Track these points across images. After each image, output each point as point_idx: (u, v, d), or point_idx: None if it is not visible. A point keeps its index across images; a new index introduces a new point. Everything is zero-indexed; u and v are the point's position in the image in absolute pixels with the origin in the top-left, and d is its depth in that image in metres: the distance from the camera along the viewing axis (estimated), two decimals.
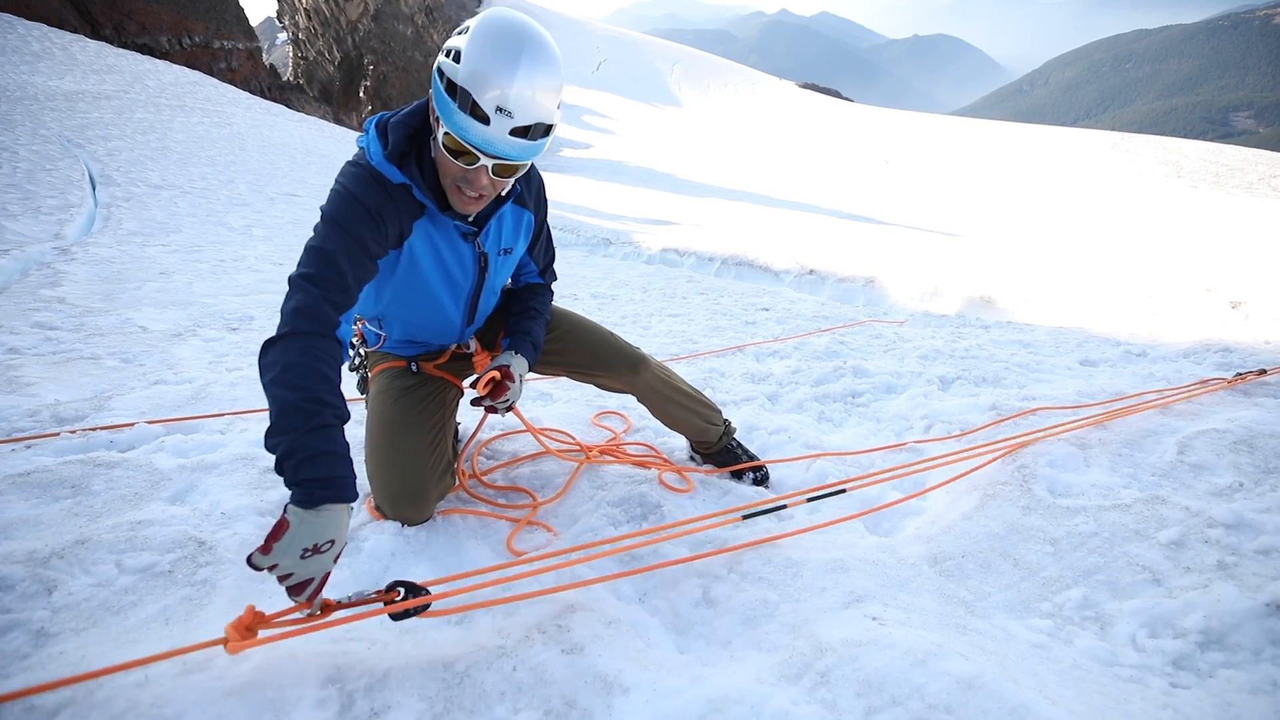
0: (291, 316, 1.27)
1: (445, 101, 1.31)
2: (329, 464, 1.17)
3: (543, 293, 1.90)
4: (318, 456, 1.16)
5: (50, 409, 2.35)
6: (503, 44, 1.28)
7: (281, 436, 1.17)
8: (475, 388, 1.69)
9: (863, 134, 49.38)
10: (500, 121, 1.29)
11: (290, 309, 1.29)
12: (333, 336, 1.31)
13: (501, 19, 1.31)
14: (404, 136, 1.44)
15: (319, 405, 1.19)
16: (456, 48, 1.30)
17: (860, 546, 1.71)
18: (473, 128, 1.30)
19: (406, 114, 1.47)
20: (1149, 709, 1.14)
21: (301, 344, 1.24)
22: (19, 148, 9.41)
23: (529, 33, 1.30)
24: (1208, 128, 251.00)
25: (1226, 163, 33.00)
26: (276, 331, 1.27)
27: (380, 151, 1.43)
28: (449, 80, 1.29)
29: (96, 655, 1.18)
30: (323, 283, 1.32)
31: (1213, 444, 2.01)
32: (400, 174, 1.44)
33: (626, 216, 17.50)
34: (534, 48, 1.29)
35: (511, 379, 1.68)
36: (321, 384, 1.22)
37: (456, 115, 1.29)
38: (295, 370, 1.21)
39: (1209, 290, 6.79)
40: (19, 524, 1.59)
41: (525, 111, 1.30)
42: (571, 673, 1.20)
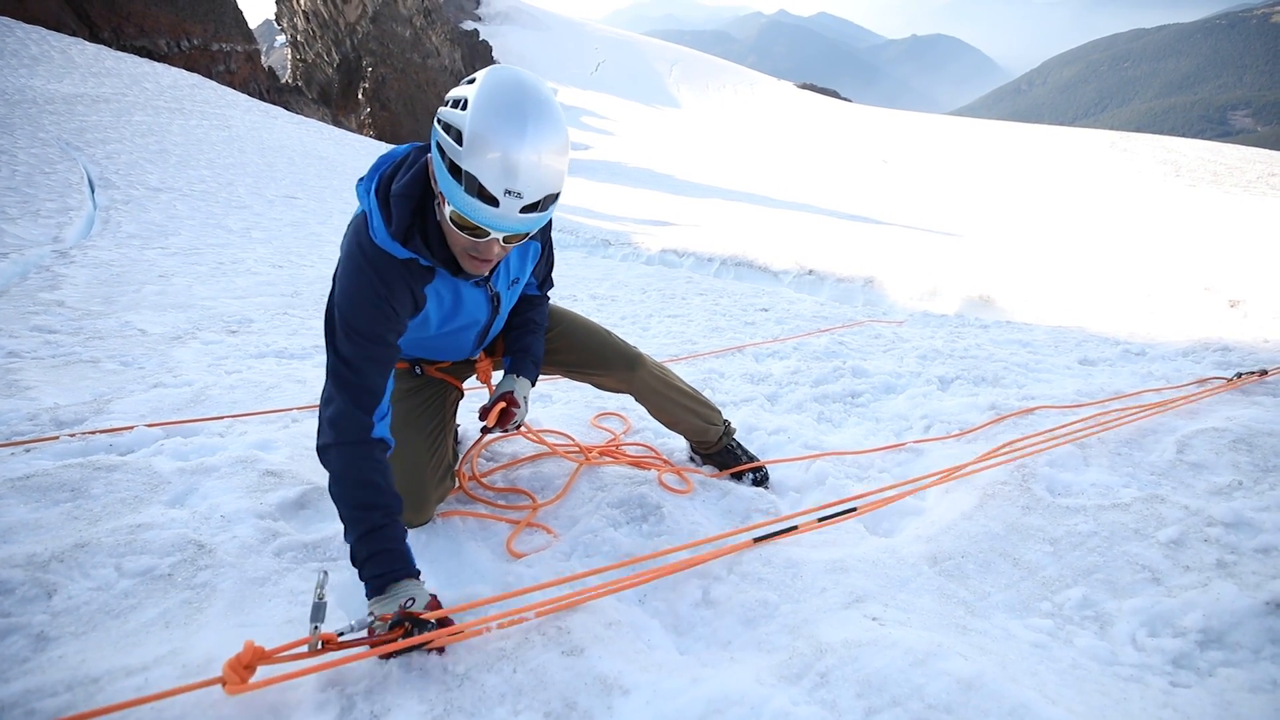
0: (329, 428, 1.36)
1: (450, 183, 1.23)
2: (385, 561, 1.30)
3: (540, 304, 1.90)
4: (374, 556, 1.30)
5: (50, 412, 2.35)
6: (506, 123, 1.18)
7: (348, 536, 1.33)
8: (483, 418, 1.73)
9: (861, 134, 49.41)
10: (510, 203, 1.22)
11: (326, 419, 1.37)
12: (368, 440, 1.37)
13: (500, 91, 1.20)
14: (408, 211, 1.37)
15: (366, 511, 1.32)
16: (456, 126, 1.20)
17: (860, 547, 1.71)
18: (481, 210, 1.23)
19: (408, 182, 1.37)
20: (1149, 708, 1.14)
21: (342, 455, 1.35)
22: (17, 151, 9.41)
23: (531, 103, 1.21)
24: (1206, 126, 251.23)
25: (1225, 161, 33.04)
26: (319, 440, 1.38)
27: (384, 229, 1.36)
28: (451, 162, 1.22)
29: (96, 659, 1.18)
30: (349, 390, 1.36)
31: (1212, 443, 2.01)
32: (407, 251, 1.39)
33: (625, 217, 17.51)
34: (538, 120, 1.20)
35: (517, 405, 1.74)
36: (363, 490, 1.33)
37: (463, 198, 1.23)
38: (341, 482, 1.34)
39: (1208, 289, 6.80)
40: (19, 527, 1.59)
41: (535, 189, 1.23)
42: (571, 674, 1.20)
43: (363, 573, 1.30)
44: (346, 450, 1.35)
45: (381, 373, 1.40)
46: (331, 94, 50.88)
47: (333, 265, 1.46)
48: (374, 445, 1.37)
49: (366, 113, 49.35)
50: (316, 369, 3.33)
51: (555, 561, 1.65)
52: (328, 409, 1.37)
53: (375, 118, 49.13)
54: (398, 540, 1.33)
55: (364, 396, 1.37)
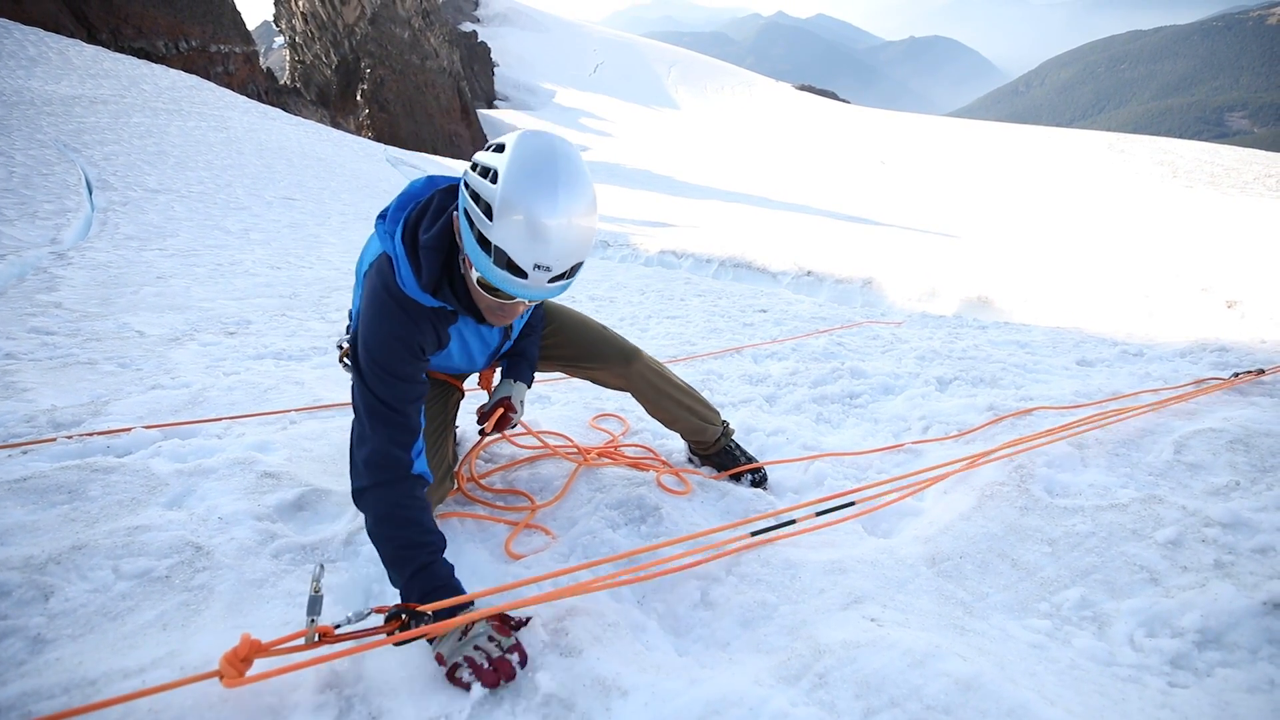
0: (365, 470, 1.34)
1: (478, 253, 1.23)
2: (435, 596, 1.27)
3: (536, 308, 1.91)
4: (428, 596, 1.27)
5: (47, 414, 2.34)
6: (537, 199, 1.16)
7: (395, 577, 1.32)
8: (481, 422, 1.77)
9: (859, 135, 49.47)
10: (538, 276, 1.22)
11: (361, 461, 1.34)
12: (408, 478, 1.35)
13: (531, 164, 1.18)
14: (438, 265, 1.37)
15: (413, 549, 1.30)
16: (486, 199, 1.19)
17: (858, 548, 1.71)
18: (509, 281, 1.23)
19: (436, 235, 1.36)
20: (1147, 708, 1.14)
21: (382, 496, 1.33)
22: (15, 153, 9.39)
23: (563, 178, 1.19)
24: (1203, 128, 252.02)
25: (1222, 163, 33.13)
26: (354, 483, 1.36)
27: (414, 281, 1.36)
28: (479, 233, 1.21)
29: (94, 661, 1.18)
30: (385, 428, 1.35)
31: (1209, 443, 2.01)
32: (435, 300, 1.40)
33: (624, 218, 17.51)
34: (569, 196, 1.18)
35: (514, 409, 1.78)
36: (408, 529, 1.32)
37: (491, 269, 1.22)
38: (384, 523, 1.32)
39: (1205, 290, 6.81)
40: (15, 530, 1.58)
41: (564, 262, 1.23)
42: (570, 675, 1.20)
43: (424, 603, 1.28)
44: (386, 490, 1.33)
45: (416, 409, 1.41)
46: (330, 95, 50.87)
47: (331, 267, 1.47)
48: (414, 482, 1.36)
49: (365, 114, 49.34)
50: (315, 370, 3.33)
51: (554, 563, 1.65)
52: (362, 450, 1.35)
53: (374, 119, 49.13)
54: (448, 575, 1.31)
55: (402, 433, 1.36)
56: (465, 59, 62.08)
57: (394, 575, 1.31)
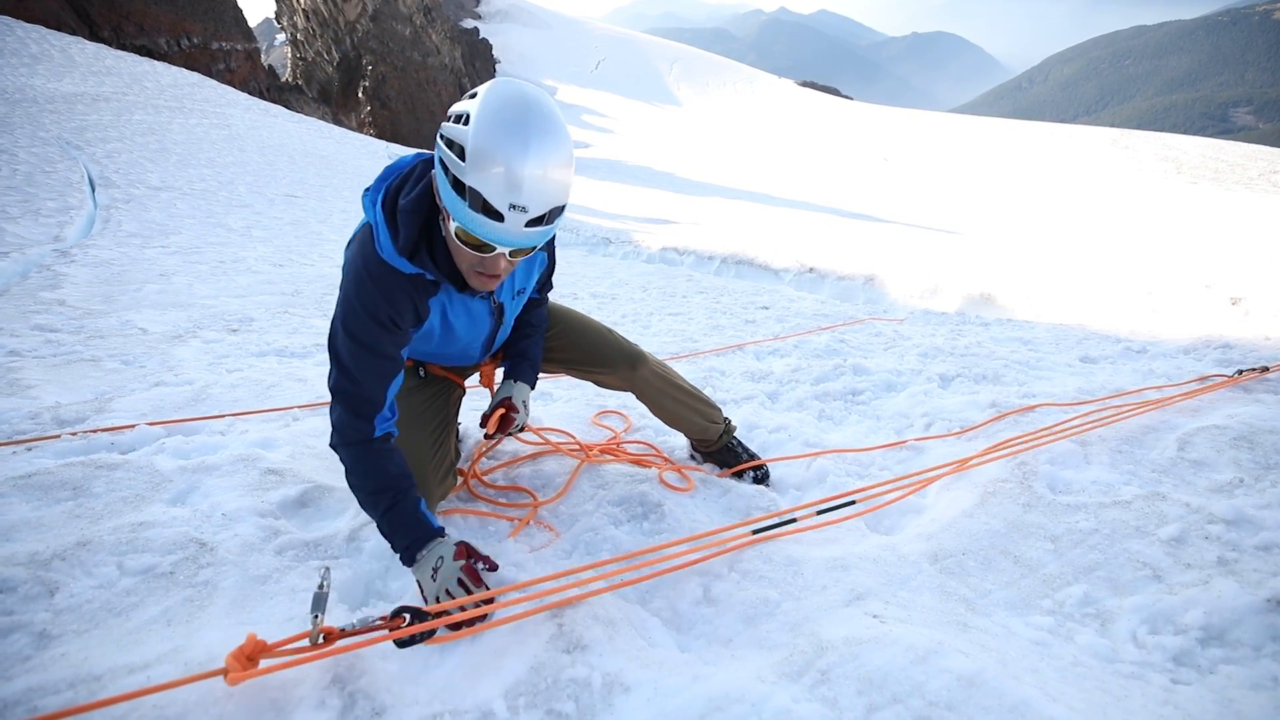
0: (335, 432, 1.44)
1: (454, 199, 1.23)
2: (406, 532, 1.41)
3: (539, 307, 1.90)
4: (396, 531, 1.41)
5: (51, 411, 2.35)
6: (509, 136, 1.17)
7: (379, 526, 1.44)
8: (484, 425, 1.76)
9: (862, 132, 49.35)
10: (515, 217, 1.22)
11: (333, 423, 1.44)
12: (370, 440, 1.43)
13: (503, 104, 1.19)
14: (415, 227, 1.36)
15: (379, 494, 1.42)
16: (459, 142, 1.19)
17: (861, 544, 1.71)
18: (486, 225, 1.23)
19: (416, 197, 1.37)
20: (1150, 705, 1.14)
21: (348, 453, 1.44)
22: (18, 150, 9.41)
23: (535, 116, 1.20)
24: (1207, 124, 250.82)
25: (1226, 159, 32.98)
26: (330, 439, 1.46)
27: (391, 245, 1.36)
28: (454, 177, 1.21)
29: (99, 657, 1.18)
30: (349, 399, 1.42)
31: (1213, 440, 2.00)
32: (413, 266, 1.39)
33: (626, 215, 17.49)
34: (542, 133, 1.19)
35: (516, 410, 1.77)
36: (373, 477, 1.42)
37: (467, 213, 1.22)
38: (353, 474, 1.44)
39: (1209, 286, 6.79)
40: (21, 526, 1.59)
41: (540, 202, 1.22)
42: (573, 672, 1.20)
43: (394, 549, 1.41)
44: (351, 449, 1.43)
45: (381, 384, 1.43)
46: (331, 92, 50.84)
47: (334, 263, 1.47)
48: (374, 442, 1.43)
49: (366, 111, 49.32)
50: (317, 367, 3.33)
51: (556, 559, 1.65)
52: (332, 414, 1.43)
53: (375, 116, 49.11)
54: (412, 510, 1.41)
55: (363, 405, 1.41)
56: (467, 56, 61.98)
57: (369, 515, 1.45)
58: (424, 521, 1.41)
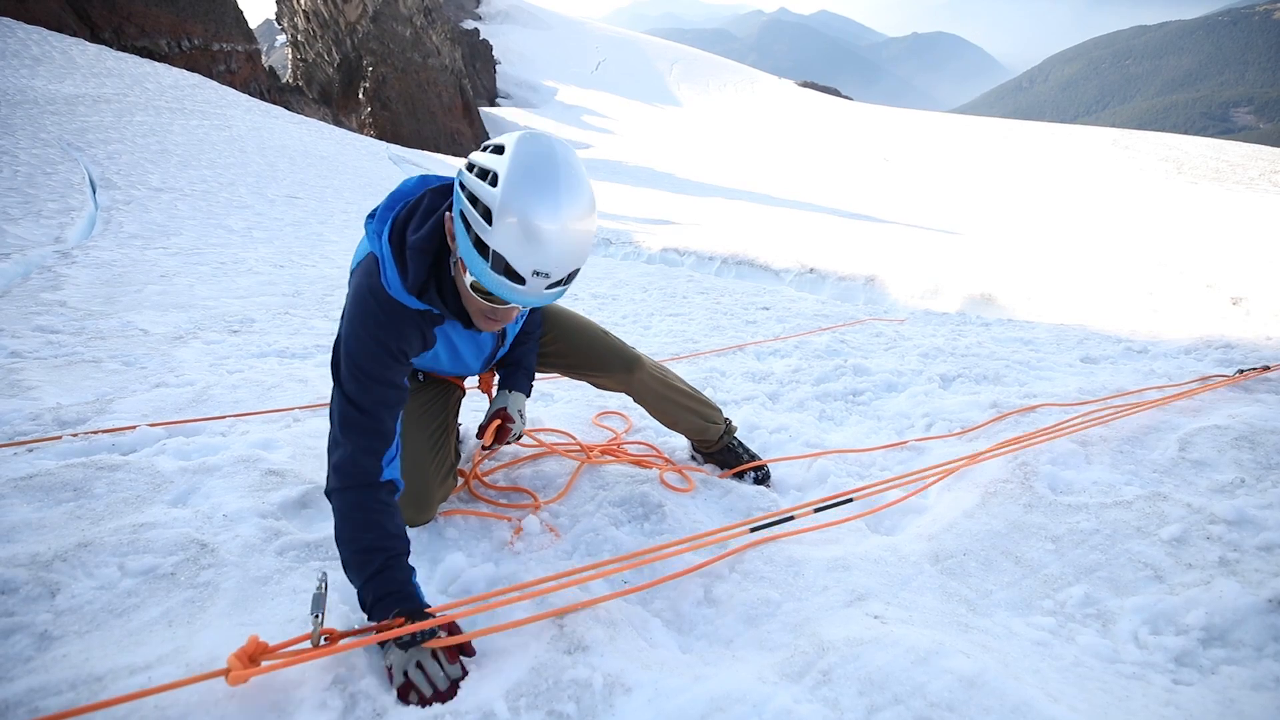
0: (335, 474, 1.33)
1: (475, 257, 1.19)
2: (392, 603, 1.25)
3: (533, 313, 1.90)
4: (380, 601, 1.25)
5: (52, 412, 2.35)
6: (538, 206, 1.14)
7: (354, 580, 1.29)
8: (480, 436, 1.76)
9: (862, 132, 49.35)
10: (536, 282, 1.19)
11: (333, 465, 1.34)
12: (376, 484, 1.33)
13: (533, 170, 1.15)
14: (425, 266, 1.34)
15: (370, 554, 1.27)
16: (485, 202, 1.16)
17: (861, 545, 1.71)
18: (506, 287, 1.20)
19: (425, 236, 1.34)
20: (1151, 705, 1.14)
21: (347, 499, 1.32)
22: (19, 151, 9.42)
23: (565, 182, 1.16)
24: (1208, 124, 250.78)
25: (1227, 159, 32.97)
26: (327, 484, 1.35)
27: (399, 282, 1.33)
28: (478, 237, 1.18)
29: (100, 658, 1.18)
30: (359, 433, 1.33)
31: (1214, 440, 2.00)
32: (421, 304, 1.37)
33: (626, 216, 17.50)
34: (572, 202, 1.16)
35: (512, 420, 1.78)
36: (368, 532, 1.29)
37: (488, 274, 1.19)
38: (346, 525, 1.31)
39: (1210, 286, 6.78)
40: (21, 527, 1.59)
41: (562, 269, 1.20)
42: (574, 673, 1.20)
43: (371, 616, 1.26)
44: (352, 494, 1.32)
45: (392, 415, 1.37)
46: (332, 94, 50.88)
47: (334, 265, 1.46)
48: (380, 489, 1.34)
49: (367, 112, 49.35)
50: (318, 368, 3.33)
51: (557, 560, 1.65)
52: (334, 454, 1.34)
53: (376, 117, 49.14)
54: (403, 580, 1.27)
55: (375, 440, 1.34)
56: (467, 57, 62.01)
57: (353, 576, 1.28)
58: (416, 596, 1.27)
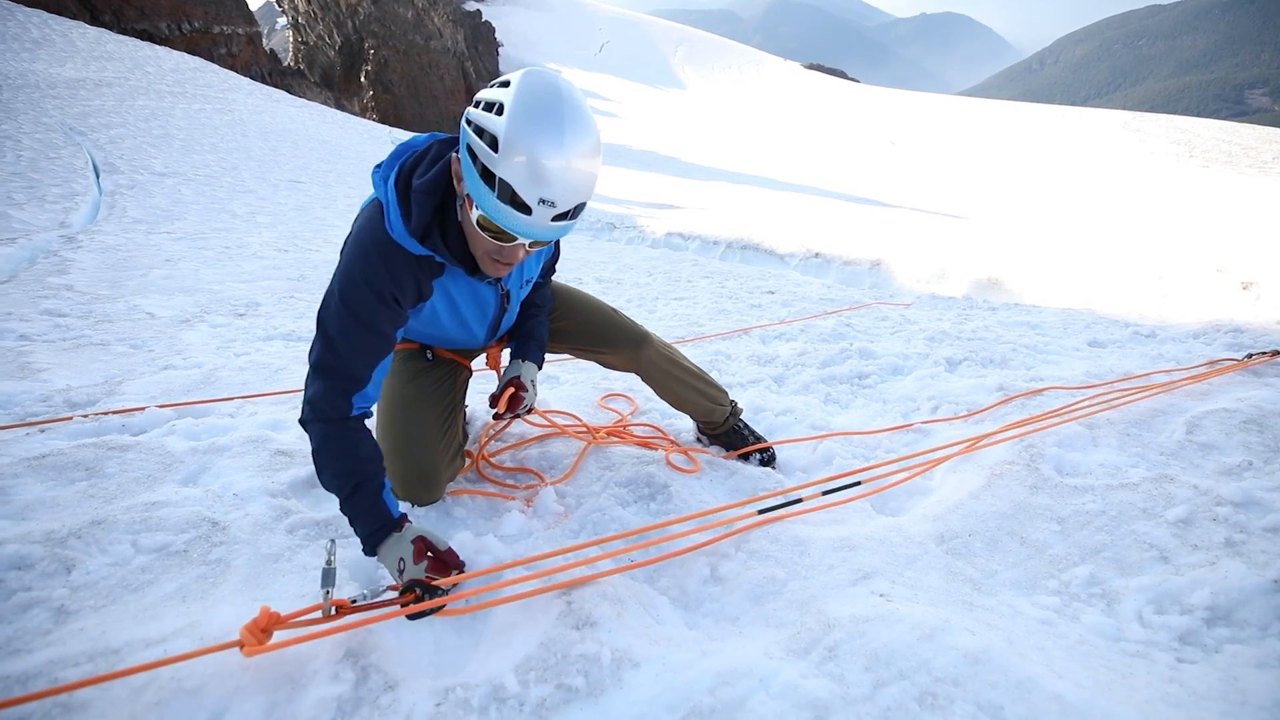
0: (308, 407, 1.37)
1: (481, 188, 1.21)
2: (367, 520, 1.36)
3: (543, 288, 1.90)
4: (358, 518, 1.36)
5: (62, 394, 2.37)
6: (543, 131, 1.15)
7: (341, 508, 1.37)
8: (493, 405, 1.74)
9: (869, 115, 48.76)
10: (542, 211, 1.20)
11: (307, 398, 1.37)
12: (346, 419, 1.38)
13: (537, 97, 1.17)
14: (430, 208, 1.34)
15: (344, 477, 1.35)
16: (490, 130, 1.17)
17: (867, 525, 1.72)
18: (513, 217, 1.21)
19: (431, 179, 1.34)
20: (1155, 683, 1.15)
21: (319, 432, 1.37)
22: (22, 136, 9.40)
23: (569, 111, 1.18)
24: (1221, 106, 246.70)
25: (1241, 141, 32.48)
26: (301, 414, 1.39)
27: (402, 225, 1.34)
28: (484, 166, 1.19)
29: (116, 631, 1.21)
30: (331, 374, 1.35)
31: (1222, 423, 2.00)
32: (423, 248, 1.37)
33: (630, 200, 17.39)
34: (575, 129, 1.18)
35: (525, 389, 1.76)
36: (343, 459, 1.36)
37: (494, 204, 1.20)
38: (320, 454, 1.37)
39: (1220, 271, 6.72)
40: (36, 505, 1.62)
41: (568, 198, 1.21)
42: (582, 648, 1.21)
43: (356, 532, 1.36)
44: (323, 426, 1.36)
45: (368, 362, 1.37)
46: (334, 77, 50.46)
47: (338, 249, 1.45)
48: (349, 421, 1.38)
49: (369, 95, 48.97)
50: None
51: (565, 538, 1.66)
52: (309, 388, 1.37)
53: (378, 100, 48.76)
54: (374, 495, 1.35)
55: (347, 381, 1.35)
56: (469, 39, 61.31)
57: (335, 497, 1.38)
58: (385, 511, 1.35)
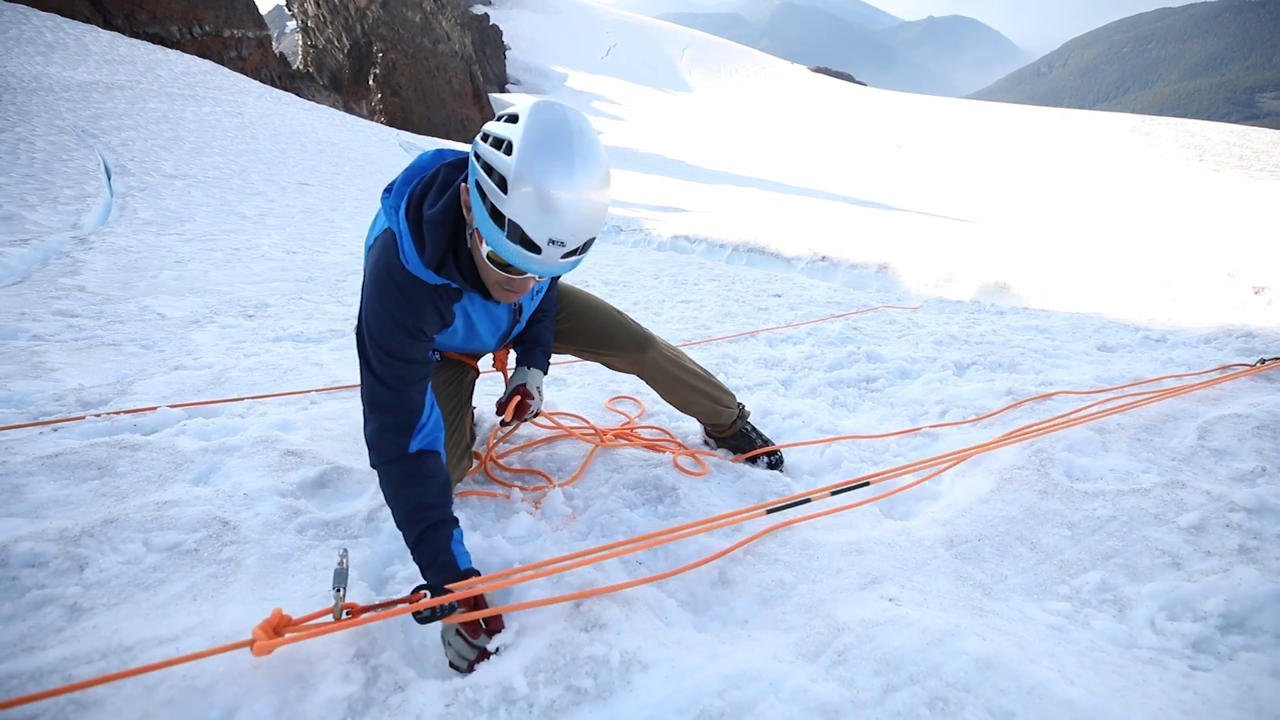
0: (370, 448, 1.40)
1: (491, 227, 1.19)
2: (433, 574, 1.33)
3: (550, 290, 1.90)
4: (427, 569, 1.34)
5: (75, 393, 2.39)
6: (553, 173, 1.14)
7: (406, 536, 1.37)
8: (500, 413, 1.76)
9: (876, 119, 48.67)
10: (552, 251, 1.19)
11: (367, 439, 1.40)
12: (405, 457, 1.38)
13: (547, 136, 1.15)
14: (443, 240, 1.34)
15: (409, 526, 1.36)
16: (500, 171, 1.15)
17: (876, 529, 1.71)
18: (523, 256, 1.20)
19: (442, 210, 1.34)
20: (1168, 690, 1.14)
21: (385, 473, 1.39)
22: (35, 138, 9.50)
23: (579, 151, 1.16)
24: (1232, 109, 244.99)
25: (1251, 145, 32.24)
26: (369, 458, 1.41)
27: (417, 257, 1.34)
28: (493, 206, 1.18)
29: (129, 629, 1.21)
30: (388, 410, 1.38)
31: (1235, 429, 1.98)
32: (438, 278, 1.38)
33: (637, 203, 17.41)
34: (585, 170, 1.16)
35: (531, 395, 1.77)
36: (404, 506, 1.37)
37: (504, 243, 1.19)
38: (389, 495, 1.39)
39: (1231, 275, 6.66)
40: (49, 504, 1.63)
41: (578, 237, 1.20)
42: (591, 650, 1.21)
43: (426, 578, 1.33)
44: (386, 469, 1.38)
45: (419, 389, 1.40)
46: (342, 80, 50.78)
47: (346, 251, 1.46)
48: (409, 460, 1.38)
49: (377, 98, 49.24)
50: (333, 353, 3.36)
51: (573, 540, 1.66)
52: (367, 429, 1.39)
53: (386, 103, 49.03)
54: (442, 546, 1.33)
55: (404, 415, 1.38)
56: (477, 42, 61.61)
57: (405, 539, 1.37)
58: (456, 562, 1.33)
